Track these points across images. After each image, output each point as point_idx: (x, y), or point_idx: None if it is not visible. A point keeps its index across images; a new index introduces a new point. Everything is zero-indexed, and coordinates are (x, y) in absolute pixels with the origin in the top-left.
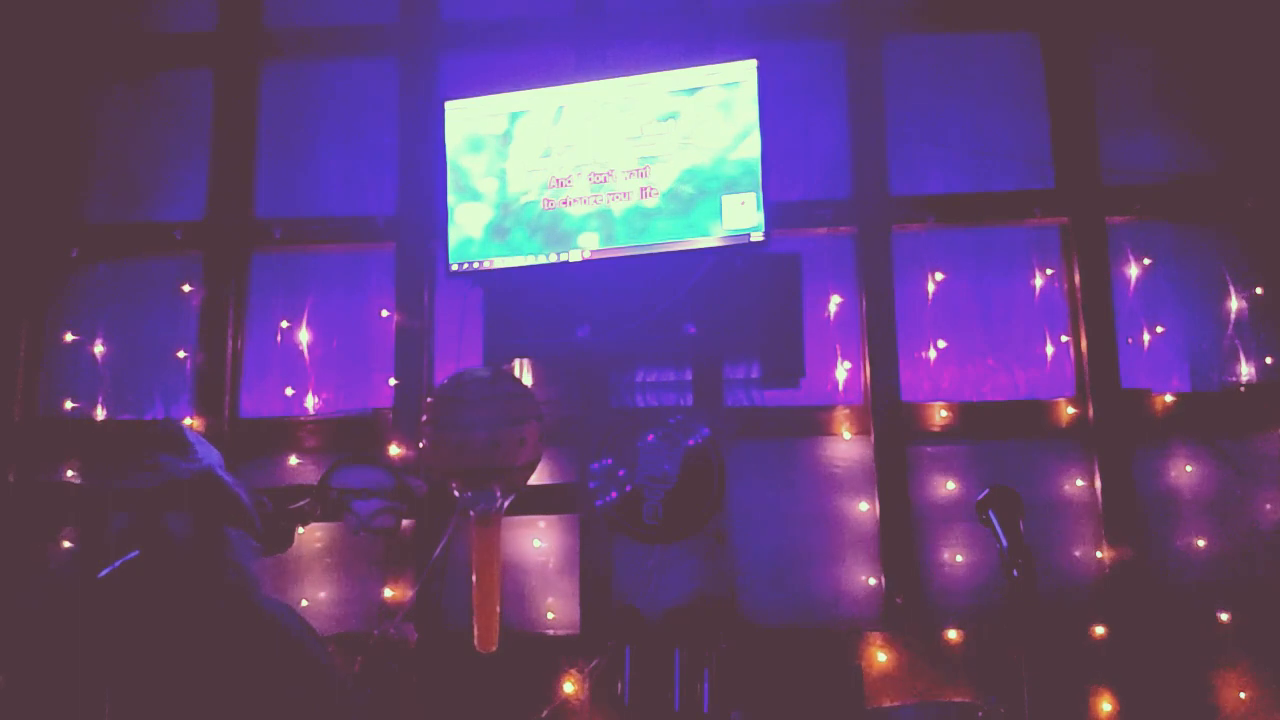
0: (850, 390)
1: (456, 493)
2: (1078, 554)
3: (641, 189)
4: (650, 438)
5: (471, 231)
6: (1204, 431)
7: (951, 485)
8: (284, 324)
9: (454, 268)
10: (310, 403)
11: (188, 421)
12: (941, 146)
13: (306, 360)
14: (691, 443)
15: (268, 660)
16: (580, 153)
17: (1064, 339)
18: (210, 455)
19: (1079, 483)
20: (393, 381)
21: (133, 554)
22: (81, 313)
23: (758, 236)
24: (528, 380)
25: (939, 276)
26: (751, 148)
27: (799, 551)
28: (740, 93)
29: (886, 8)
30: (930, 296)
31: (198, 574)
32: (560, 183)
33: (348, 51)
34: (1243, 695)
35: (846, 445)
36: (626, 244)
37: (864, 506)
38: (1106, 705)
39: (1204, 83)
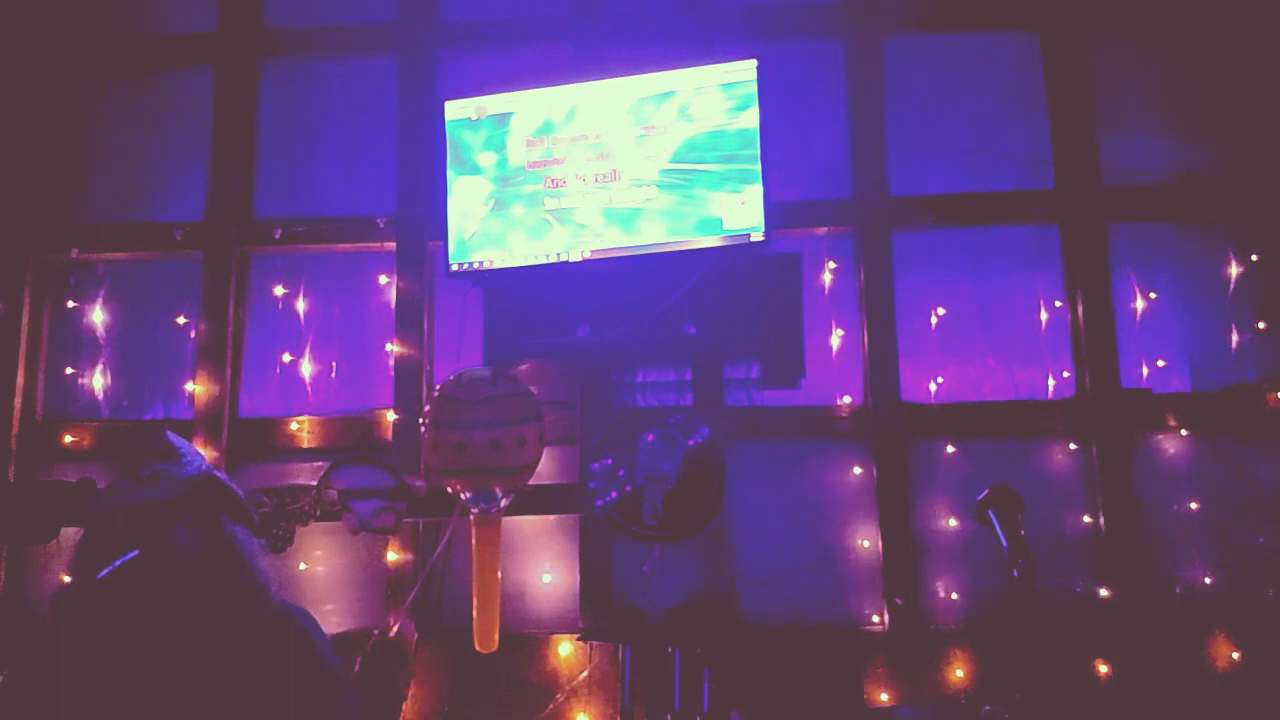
0: (850, 390)
1: (456, 493)
2: (1078, 554)
3: (641, 189)
4: (650, 438)
5: (469, 232)
6: (1204, 431)
7: (951, 485)
8: (284, 324)
9: (454, 267)
10: (310, 403)
11: (187, 421)
12: (941, 146)
13: (306, 360)
14: (691, 443)
15: (276, 663)
16: (580, 153)
17: (1064, 339)
18: (199, 458)
19: (1079, 483)
20: (392, 382)
21: (131, 554)
22: (81, 313)
23: (758, 236)
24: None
25: (939, 276)
26: (751, 147)
27: (799, 551)
28: (740, 93)
29: (886, 8)
30: (930, 296)
31: (210, 578)
32: (559, 183)
33: (348, 51)
34: (1241, 696)
35: (846, 445)
36: (626, 243)
37: (863, 507)
38: (1107, 704)
39: (1204, 83)
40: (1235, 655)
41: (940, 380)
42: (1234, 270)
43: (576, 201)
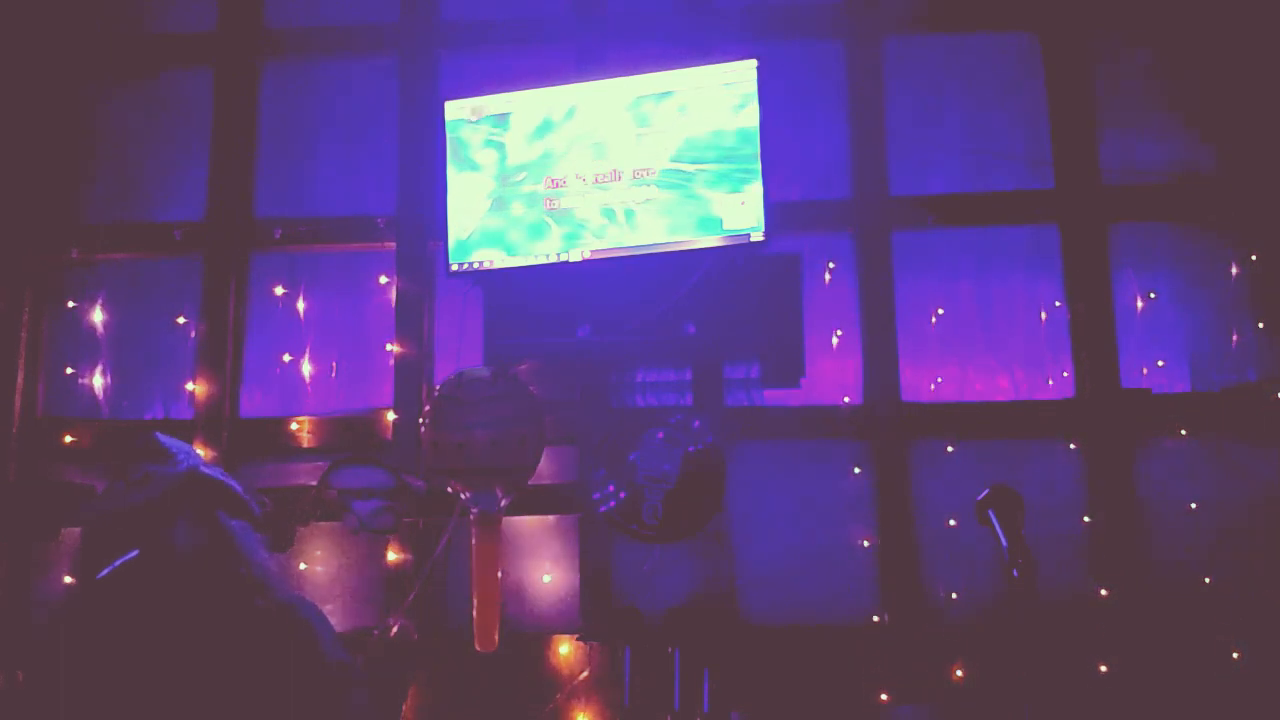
0: (850, 390)
1: (456, 492)
2: (1078, 554)
3: (641, 189)
4: (650, 437)
5: (469, 232)
6: (1204, 431)
7: (951, 485)
8: (284, 324)
9: (454, 267)
10: (310, 403)
11: (187, 421)
12: (941, 146)
13: (306, 360)
14: (692, 443)
15: (276, 656)
16: (579, 152)
17: (1064, 339)
18: (191, 457)
19: (1079, 483)
20: (393, 382)
21: (131, 554)
22: (82, 312)
23: (758, 236)
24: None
25: (939, 276)
26: (751, 147)
27: (799, 551)
28: (740, 93)
29: (886, 8)
30: (930, 296)
31: (207, 574)
32: (559, 183)
33: (348, 51)
34: (1242, 697)
35: (846, 445)
36: (626, 244)
37: (864, 507)
38: (1107, 704)
39: (1204, 82)
40: (1235, 655)
41: (940, 380)
42: (1234, 270)
43: (576, 201)
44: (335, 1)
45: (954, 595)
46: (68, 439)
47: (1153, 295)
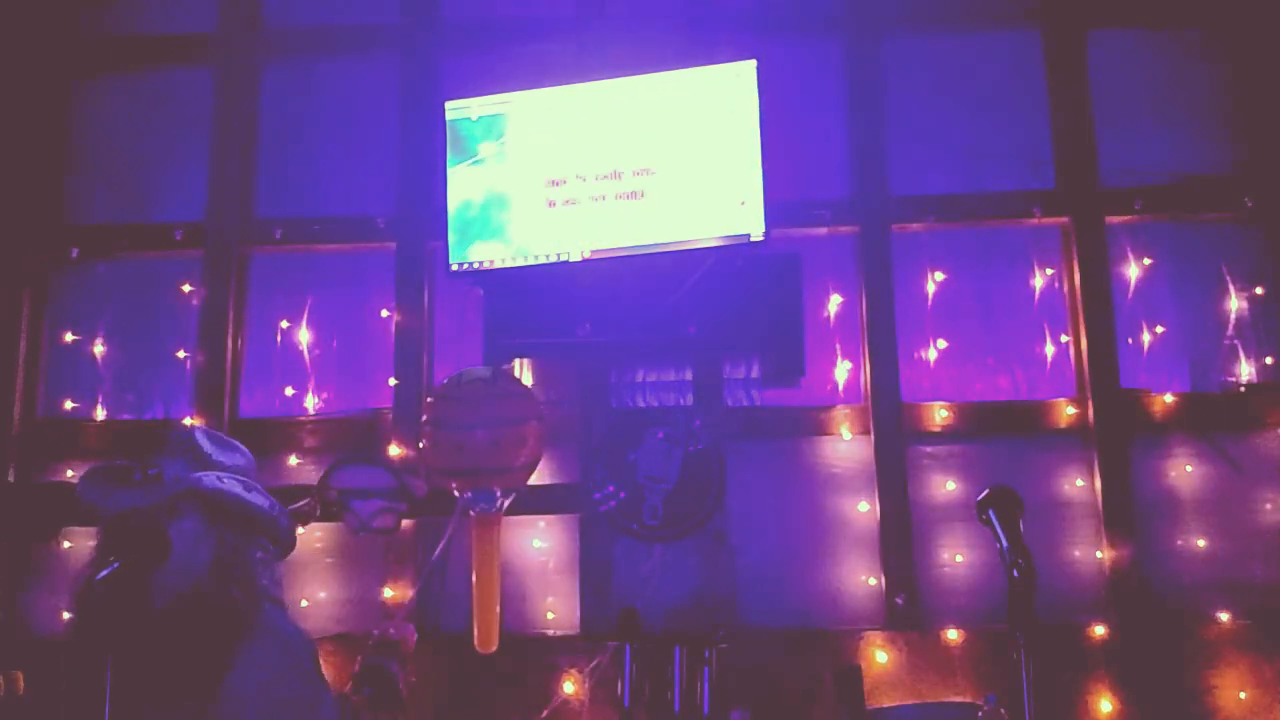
0: (850, 390)
1: (456, 493)
2: (1078, 554)
3: (641, 189)
4: (651, 437)
5: (469, 232)
6: (1204, 431)
7: (951, 485)
8: (284, 324)
9: (454, 267)
10: (310, 403)
11: (187, 422)
12: (941, 146)
13: (306, 360)
14: (691, 443)
15: (237, 689)
16: (579, 152)
17: (1064, 339)
18: (229, 458)
19: (1079, 483)
20: (393, 381)
21: (130, 558)
22: (81, 313)
23: (758, 236)
24: (528, 380)
25: (939, 276)
26: (751, 148)
27: (799, 551)
28: (740, 93)
29: (886, 8)
30: (930, 296)
31: (192, 590)
32: (559, 182)
33: (348, 51)
34: (1242, 695)
35: (846, 445)
36: (626, 243)
37: (864, 507)
38: (1106, 705)
39: (1204, 81)
40: (1234, 654)
41: (940, 379)
42: (1234, 270)
43: (576, 201)
44: (335, 1)
45: (954, 595)
46: (68, 439)
47: (1153, 294)
